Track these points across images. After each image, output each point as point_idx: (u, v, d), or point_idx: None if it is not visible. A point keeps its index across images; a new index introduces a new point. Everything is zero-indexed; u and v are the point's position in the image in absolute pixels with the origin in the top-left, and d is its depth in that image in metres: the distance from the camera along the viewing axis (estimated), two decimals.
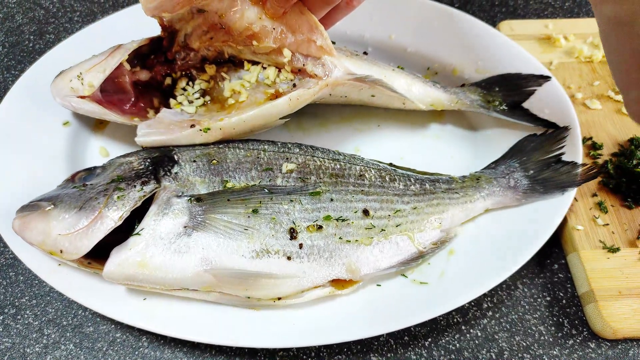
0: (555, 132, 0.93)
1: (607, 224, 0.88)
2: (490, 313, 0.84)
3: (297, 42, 0.84)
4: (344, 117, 1.04)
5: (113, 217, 0.73)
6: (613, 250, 0.85)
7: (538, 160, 0.90)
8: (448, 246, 0.84)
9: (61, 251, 0.73)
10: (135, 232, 0.74)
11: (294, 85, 0.86)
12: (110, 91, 0.92)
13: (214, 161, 0.82)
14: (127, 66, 0.91)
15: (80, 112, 0.92)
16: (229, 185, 0.79)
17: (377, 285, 0.80)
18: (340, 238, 0.78)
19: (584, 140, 0.98)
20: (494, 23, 1.23)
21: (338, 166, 0.85)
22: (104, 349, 0.80)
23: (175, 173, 0.80)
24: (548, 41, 1.15)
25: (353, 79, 0.87)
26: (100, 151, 0.98)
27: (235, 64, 0.93)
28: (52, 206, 0.75)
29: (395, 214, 0.81)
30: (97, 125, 1.01)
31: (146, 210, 0.76)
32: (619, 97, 1.05)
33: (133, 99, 0.93)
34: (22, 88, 0.98)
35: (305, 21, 0.82)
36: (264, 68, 0.88)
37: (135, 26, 0.97)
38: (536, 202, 0.87)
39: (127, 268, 0.72)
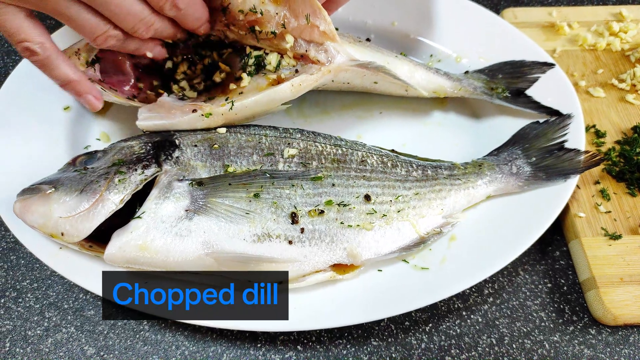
0: (558, 119, 0.93)
1: (609, 212, 0.88)
2: (491, 299, 0.84)
3: (299, 28, 0.83)
4: (346, 105, 1.03)
5: (114, 200, 0.73)
6: (615, 237, 0.85)
7: (541, 148, 0.90)
8: (450, 232, 0.84)
9: (62, 234, 0.73)
10: (137, 215, 0.74)
11: (296, 71, 0.86)
12: (109, 72, 0.91)
13: (216, 145, 0.82)
14: None
15: None
16: (230, 169, 0.79)
17: (378, 270, 0.80)
18: (341, 223, 0.77)
19: (587, 128, 0.98)
20: (497, 10, 1.22)
21: (340, 152, 0.85)
22: (105, 332, 0.80)
23: (177, 157, 0.80)
24: (552, 29, 1.14)
25: (356, 65, 0.86)
26: (101, 136, 0.98)
27: (236, 49, 0.92)
28: (53, 189, 0.75)
29: (396, 200, 0.81)
30: (99, 110, 1.00)
31: (147, 194, 0.76)
32: (623, 85, 1.04)
33: (133, 81, 0.92)
34: (22, 73, 0.98)
35: (308, 6, 0.82)
36: (266, 54, 0.88)
37: None
38: (538, 189, 0.86)
39: (128, 251, 0.72)
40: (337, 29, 0.87)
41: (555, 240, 0.90)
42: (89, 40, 0.79)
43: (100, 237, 0.75)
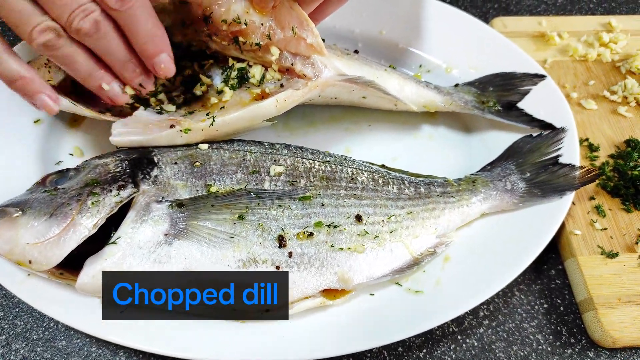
0: (551, 133, 0.90)
1: (605, 228, 0.86)
2: (487, 321, 0.81)
3: (285, 40, 0.79)
4: (334, 117, 0.99)
5: (87, 224, 0.68)
6: (611, 255, 0.82)
7: (534, 163, 0.87)
8: (443, 252, 0.80)
9: (30, 262, 0.67)
10: (111, 240, 0.68)
11: (282, 85, 0.82)
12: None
13: (197, 163, 0.77)
14: None
15: None
16: (213, 189, 0.74)
17: (370, 294, 0.76)
18: (332, 245, 0.73)
19: (581, 141, 0.96)
20: (486, 19, 1.19)
21: (329, 168, 0.81)
22: None
23: (155, 176, 0.75)
24: (542, 39, 1.12)
25: (344, 80, 0.82)
26: (74, 151, 0.92)
27: (218, 60, 0.87)
28: (20, 212, 0.69)
29: (389, 220, 0.77)
30: (72, 123, 0.95)
31: (123, 216, 0.71)
32: (614, 97, 1.03)
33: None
34: None
35: (295, 17, 0.78)
36: (250, 66, 0.83)
37: None
38: (533, 207, 0.84)
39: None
40: (323, 40, 0.83)
41: (551, 259, 0.87)
42: (23, 36, 0.68)
43: (72, 264, 0.69)
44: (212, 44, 0.84)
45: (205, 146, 0.80)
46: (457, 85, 0.99)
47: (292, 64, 0.80)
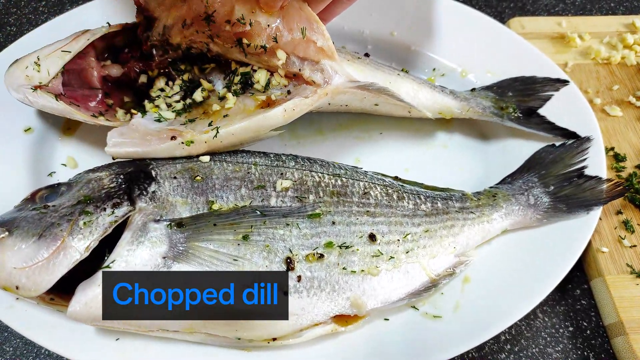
0: (576, 142, 0.85)
1: (634, 245, 0.80)
2: (509, 346, 0.75)
3: (293, 42, 0.73)
4: (343, 125, 0.94)
5: (78, 247, 0.62)
6: None
7: (558, 175, 0.82)
8: (463, 273, 0.75)
9: (17, 287, 0.62)
10: (105, 264, 0.63)
11: (289, 92, 0.76)
12: (74, 85, 0.81)
13: (198, 177, 0.72)
14: (93, 59, 0.80)
15: (38, 108, 0.80)
16: (215, 206, 0.69)
17: (385, 319, 0.71)
18: (344, 268, 0.68)
19: (606, 150, 0.90)
20: (502, 19, 1.14)
21: (339, 182, 0.75)
22: None
23: (153, 192, 0.69)
24: (562, 40, 1.06)
25: (356, 87, 0.77)
26: (67, 161, 0.86)
27: (220, 64, 0.82)
28: (7, 233, 0.63)
29: (405, 239, 0.72)
30: (65, 131, 0.89)
31: (118, 235, 0.65)
32: None
33: (100, 96, 0.82)
34: None
35: (304, 18, 0.72)
36: (254, 70, 0.78)
37: (108, 18, 0.86)
38: (558, 222, 0.78)
39: (95, 308, 0.62)
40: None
41: (575, 277, 0.82)
42: None
43: (63, 286, 0.64)
44: (214, 46, 0.78)
45: (206, 158, 0.74)
46: (473, 89, 0.94)
47: (299, 69, 0.75)
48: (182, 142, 0.72)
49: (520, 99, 0.91)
